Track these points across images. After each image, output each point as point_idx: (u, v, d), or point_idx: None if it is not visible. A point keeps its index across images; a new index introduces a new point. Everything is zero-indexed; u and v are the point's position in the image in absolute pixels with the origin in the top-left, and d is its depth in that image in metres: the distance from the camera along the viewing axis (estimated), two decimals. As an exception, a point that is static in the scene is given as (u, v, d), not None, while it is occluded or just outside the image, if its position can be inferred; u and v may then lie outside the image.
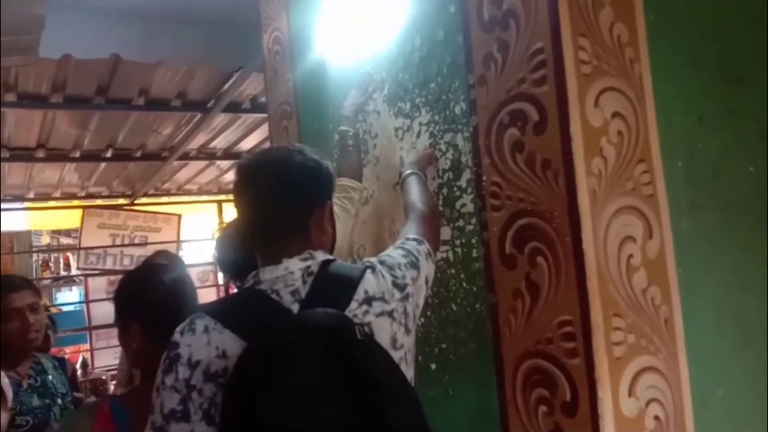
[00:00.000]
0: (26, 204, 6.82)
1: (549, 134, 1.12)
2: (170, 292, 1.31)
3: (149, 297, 1.30)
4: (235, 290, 1.50)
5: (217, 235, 1.67)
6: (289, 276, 0.99)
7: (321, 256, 1.03)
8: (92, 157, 5.06)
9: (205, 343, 0.93)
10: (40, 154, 4.74)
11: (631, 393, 1.07)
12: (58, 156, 4.91)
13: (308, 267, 1.00)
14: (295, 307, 0.97)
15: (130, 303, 1.32)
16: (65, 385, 1.98)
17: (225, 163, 5.86)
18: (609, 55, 1.14)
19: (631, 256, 1.11)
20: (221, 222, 6.92)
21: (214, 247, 1.64)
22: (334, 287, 1.00)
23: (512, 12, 1.18)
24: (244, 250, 1.38)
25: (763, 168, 1.34)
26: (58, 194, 6.43)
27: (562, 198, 1.09)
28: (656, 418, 1.09)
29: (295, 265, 1.00)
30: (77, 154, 4.90)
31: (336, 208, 1.53)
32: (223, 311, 0.98)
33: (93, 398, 2.70)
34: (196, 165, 5.87)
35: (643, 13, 1.19)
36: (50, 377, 1.93)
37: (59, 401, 1.90)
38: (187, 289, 1.36)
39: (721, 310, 1.23)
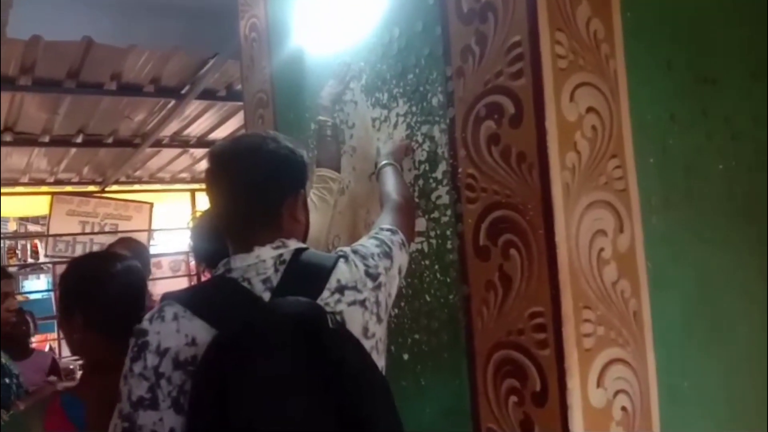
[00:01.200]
0: (-8, 189, 6.65)
1: (525, 128, 1.12)
2: (118, 283, 1.28)
3: (93, 286, 1.26)
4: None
5: (191, 223, 1.65)
6: (260, 264, 0.98)
7: (294, 244, 1.02)
8: (62, 142, 4.96)
9: (174, 331, 0.92)
10: (8, 137, 4.62)
11: (599, 384, 1.09)
12: (26, 140, 4.80)
13: (280, 255, 0.99)
14: (266, 296, 0.96)
15: (74, 292, 1.28)
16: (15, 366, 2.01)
17: (198, 152, 5.80)
18: (585, 50, 1.15)
19: (602, 249, 1.13)
20: (194, 211, 6.84)
21: (189, 235, 1.62)
22: (306, 276, 0.99)
23: (491, 4, 1.18)
24: (220, 239, 1.38)
25: (733, 167, 1.37)
26: (26, 180, 6.29)
27: (536, 191, 1.10)
28: (623, 408, 1.12)
29: (267, 253, 0.99)
30: (46, 139, 4.80)
31: (315, 198, 1.51)
32: (194, 299, 0.96)
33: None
34: (168, 153, 5.79)
35: (620, 11, 1.20)
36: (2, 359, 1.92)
37: (15, 380, 1.90)
38: (134, 280, 1.32)
39: (690, 304, 1.26)
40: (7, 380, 1.90)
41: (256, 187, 1.00)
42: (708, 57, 1.36)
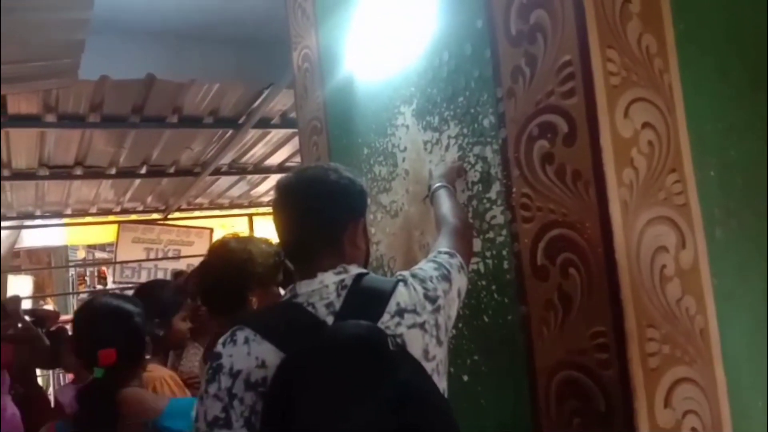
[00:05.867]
0: (64, 220, 7.03)
1: (579, 146, 1.12)
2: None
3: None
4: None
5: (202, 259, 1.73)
6: (324, 289, 1.02)
7: (354, 269, 1.05)
8: (127, 173, 5.20)
9: (245, 354, 0.96)
10: (78, 171, 4.89)
11: (666, 404, 1.06)
12: (94, 173, 5.06)
13: (342, 280, 1.03)
14: (329, 319, 0.99)
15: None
16: None
17: (255, 178, 5.97)
18: (638, 65, 1.15)
19: (664, 266, 1.11)
20: (251, 234, 7.01)
21: (196, 274, 1.68)
22: (367, 300, 1.02)
23: (539, 26, 1.20)
24: (232, 281, 1.47)
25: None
26: (94, 210, 6.60)
27: (594, 209, 1.10)
28: (693, 429, 1.08)
29: (329, 278, 1.03)
30: (113, 171, 5.05)
31: None
32: (262, 323, 1.01)
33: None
34: (227, 180, 5.98)
35: (672, 24, 1.19)
36: None
37: None
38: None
39: (758, 318, 1.22)
40: None
41: (319, 215, 1.05)
42: (763, 63, 1.32)
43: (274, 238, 1.24)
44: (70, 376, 3.81)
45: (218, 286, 1.55)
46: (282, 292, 1.56)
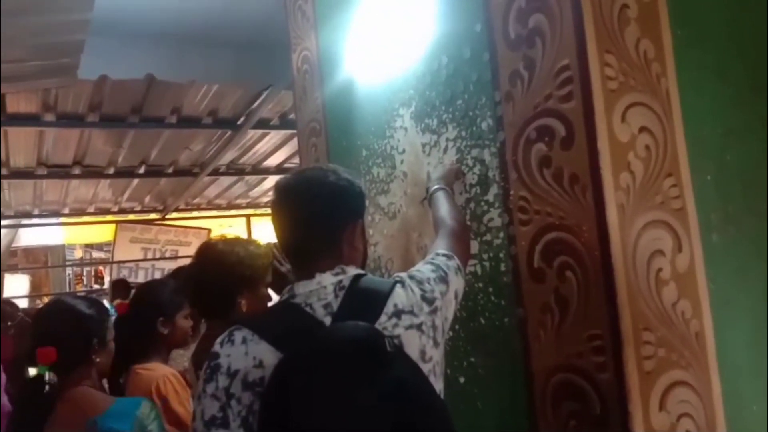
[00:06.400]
0: (62, 219, 7.02)
1: (576, 149, 1.13)
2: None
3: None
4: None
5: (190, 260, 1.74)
6: (321, 290, 1.02)
7: (352, 270, 1.06)
8: (126, 173, 5.21)
9: (243, 354, 0.97)
10: (76, 171, 4.89)
11: (661, 407, 1.07)
12: (93, 173, 5.07)
13: (340, 281, 1.03)
14: (327, 320, 1.00)
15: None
16: None
17: (253, 178, 5.98)
18: (635, 70, 1.15)
19: (660, 269, 1.12)
20: (249, 235, 7.01)
21: (186, 275, 1.68)
22: (364, 301, 1.02)
23: (538, 30, 1.20)
24: (221, 283, 1.48)
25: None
26: (92, 209, 6.61)
27: (591, 212, 1.10)
28: (688, 433, 1.09)
29: (327, 279, 1.03)
30: (111, 171, 5.05)
31: None
32: (260, 323, 1.01)
33: None
34: (225, 180, 5.99)
35: (669, 29, 1.20)
36: None
37: None
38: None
39: (755, 323, 1.22)
40: None
41: (317, 217, 1.05)
42: (762, 67, 1.33)
43: (272, 238, 1.24)
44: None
45: (207, 289, 1.55)
46: (271, 293, 1.57)
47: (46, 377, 1.47)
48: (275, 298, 1.52)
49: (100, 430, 1.38)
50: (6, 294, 7.01)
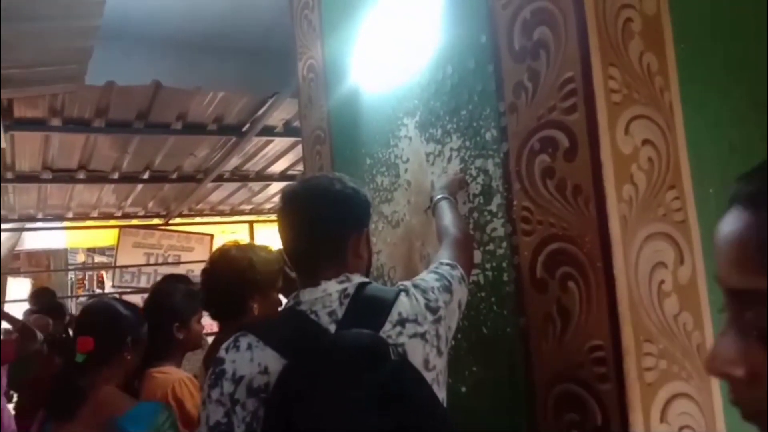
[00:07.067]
0: (65, 223, 7.04)
1: (579, 161, 1.14)
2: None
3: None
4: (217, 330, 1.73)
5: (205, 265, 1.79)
6: (326, 297, 1.03)
7: (357, 278, 1.07)
8: (130, 178, 5.23)
9: (248, 360, 0.97)
10: (81, 175, 4.91)
11: (662, 419, 1.07)
12: (97, 178, 5.09)
13: (345, 289, 1.04)
14: (332, 327, 1.00)
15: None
16: None
17: (257, 185, 5.99)
18: (639, 83, 1.16)
19: (662, 281, 1.12)
20: (252, 242, 7.01)
21: (201, 279, 1.71)
22: (369, 309, 1.03)
23: (543, 42, 1.22)
24: (234, 288, 1.50)
25: (797, 194, 1.33)
26: (95, 214, 6.63)
27: (593, 223, 1.11)
28: (689, 445, 1.09)
29: (332, 287, 1.04)
30: (116, 176, 5.07)
31: None
32: (265, 330, 1.02)
33: None
34: (229, 186, 6.00)
35: (673, 43, 1.21)
36: None
37: None
38: None
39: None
40: None
41: (322, 225, 1.06)
42: (764, 83, 1.34)
43: (275, 245, 1.25)
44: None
45: (220, 293, 1.58)
46: (282, 298, 1.59)
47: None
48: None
49: (118, 430, 1.44)
50: (8, 297, 7.03)
